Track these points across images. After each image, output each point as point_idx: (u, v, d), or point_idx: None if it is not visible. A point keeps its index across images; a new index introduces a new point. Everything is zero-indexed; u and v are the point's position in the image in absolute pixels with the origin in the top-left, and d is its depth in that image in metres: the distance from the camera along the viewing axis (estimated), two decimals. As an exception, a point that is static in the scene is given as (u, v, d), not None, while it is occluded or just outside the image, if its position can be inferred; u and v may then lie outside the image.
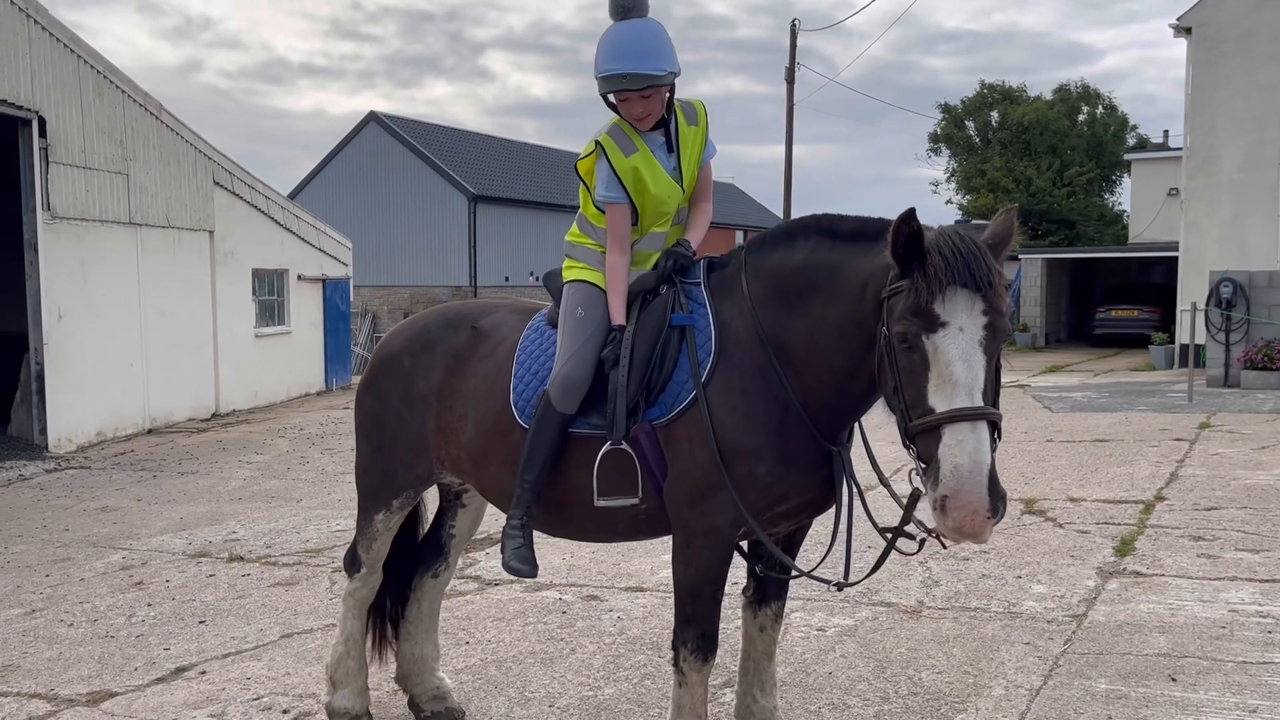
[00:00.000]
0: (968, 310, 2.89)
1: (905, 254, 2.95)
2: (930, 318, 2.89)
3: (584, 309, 3.69)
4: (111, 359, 14.65)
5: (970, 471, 2.80)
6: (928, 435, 2.89)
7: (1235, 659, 4.88)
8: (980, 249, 2.93)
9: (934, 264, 2.89)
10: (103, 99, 14.53)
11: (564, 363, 3.62)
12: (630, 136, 3.69)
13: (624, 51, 3.58)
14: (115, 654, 5.55)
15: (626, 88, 3.58)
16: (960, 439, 2.83)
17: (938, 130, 51.05)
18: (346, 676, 4.34)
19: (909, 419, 2.95)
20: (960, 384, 2.86)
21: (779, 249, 3.49)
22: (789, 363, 3.39)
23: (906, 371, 2.95)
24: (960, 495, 2.80)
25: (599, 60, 3.62)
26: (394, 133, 37.48)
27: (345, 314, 21.38)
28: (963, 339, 2.88)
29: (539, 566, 3.79)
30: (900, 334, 2.94)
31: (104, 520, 9.18)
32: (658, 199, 3.71)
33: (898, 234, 2.93)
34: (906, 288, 2.94)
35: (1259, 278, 17.69)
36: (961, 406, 2.85)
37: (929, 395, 2.89)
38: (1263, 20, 21.11)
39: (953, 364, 2.87)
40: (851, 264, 3.26)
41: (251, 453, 12.92)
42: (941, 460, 2.84)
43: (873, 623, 5.57)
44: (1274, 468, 9.66)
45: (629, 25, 3.61)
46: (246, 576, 7.06)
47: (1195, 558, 6.64)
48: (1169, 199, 30.63)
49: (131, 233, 15.16)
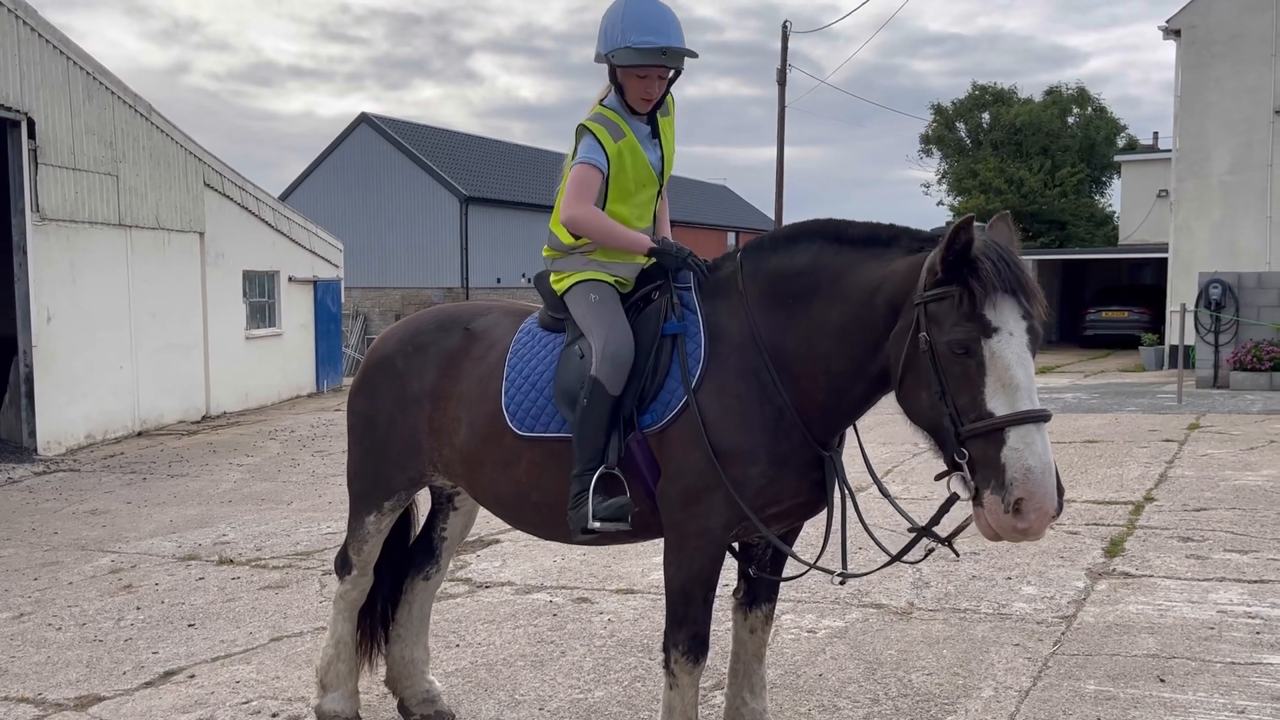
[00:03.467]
0: (1014, 315, 2.95)
1: (956, 260, 2.95)
2: (985, 323, 2.93)
3: (597, 294, 3.67)
4: (101, 361, 14.59)
5: (1042, 473, 2.85)
6: (986, 439, 2.91)
7: (1224, 660, 4.90)
8: (1016, 255, 3.00)
9: (986, 270, 2.92)
10: (92, 100, 14.48)
11: (604, 342, 3.53)
12: (618, 124, 3.68)
13: (658, 26, 3.54)
14: (104, 658, 5.53)
15: (664, 63, 3.56)
16: (1029, 441, 2.87)
17: (929, 131, 51.15)
18: (336, 679, 4.33)
19: (960, 423, 2.95)
20: (1021, 387, 2.91)
21: (778, 252, 3.49)
22: (785, 366, 3.40)
23: (959, 377, 2.96)
24: (1035, 497, 2.84)
25: (626, 31, 3.54)
26: (385, 134, 37.42)
27: (336, 316, 21.34)
28: (1015, 343, 2.94)
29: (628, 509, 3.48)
30: (956, 340, 2.94)
31: (93, 523, 9.14)
32: (638, 181, 3.71)
33: (955, 240, 2.94)
34: (956, 294, 2.94)
35: (1248, 279, 17.76)
36: (1027, 409, 2.90)
37: (986, 400, 2.92)
38: (1252, 22, 21.21)
39: (1012, 368, 2.91)
40: (860, 268, 3.26)
41: (242, 455, 12.89)
42: (1009, 463, 2.87)
43: (863, 624, 5.58)
44: (1263, 469, 9.70)
45: (629, 3, 3.58)
46: (236, 579, 7.04)
47: (1184, 559, 6.66)
48: (1159, 200, 30.74)
49: (121, 234, 15.11)
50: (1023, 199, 43.97)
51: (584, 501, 3.48)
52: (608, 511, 3.46)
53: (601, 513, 3.46)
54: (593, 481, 3.47)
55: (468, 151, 39.68)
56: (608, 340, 3.54)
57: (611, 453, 3.49)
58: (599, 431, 3.49)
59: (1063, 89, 49.07)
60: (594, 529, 3.48)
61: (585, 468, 3.50)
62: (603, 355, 3.52)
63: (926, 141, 51.58)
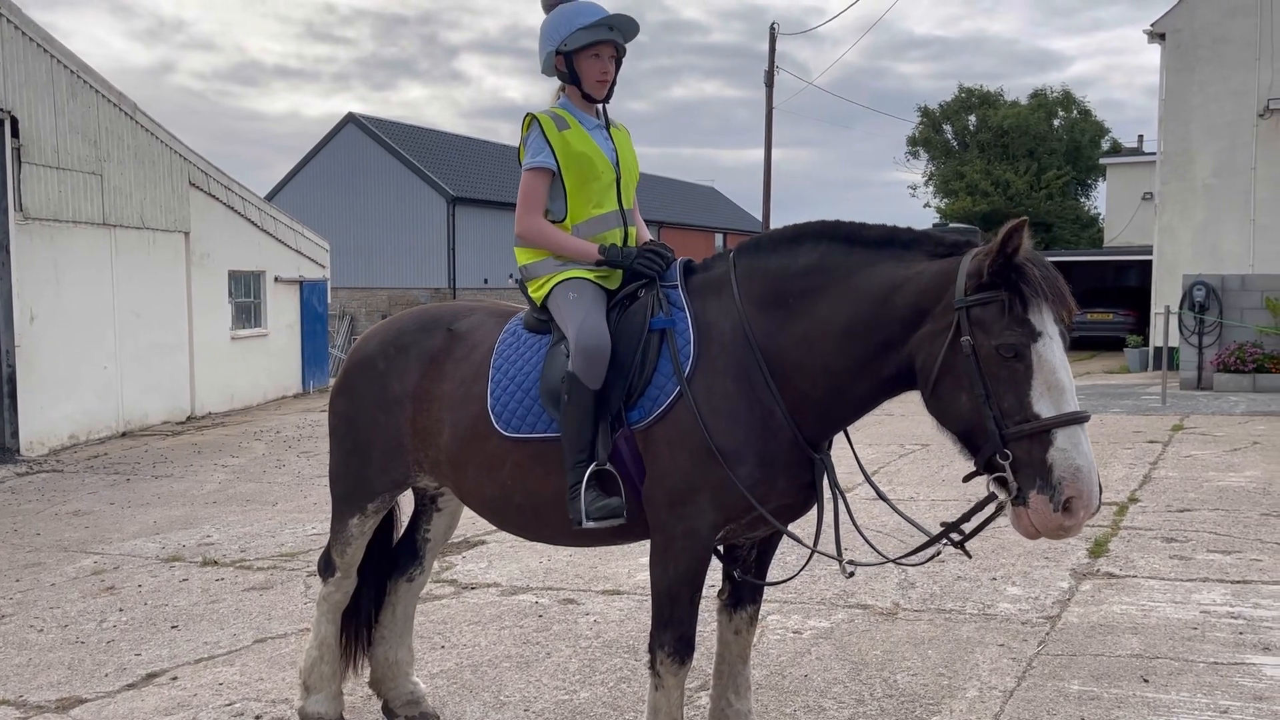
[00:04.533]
0: (1054, 321, 3.03)
1: (1003, 266, 3.02)
2: (1031, 328, 3.00)
3: (575, 292, 3.69)
4: (85, 361, 14.50)
5: (1089, 472, 2.95)
6: (1033, 440, 2.98)
7: (1207, 660, 4.92)
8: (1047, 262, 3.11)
9: (1034, 276, 3.01)
10: (76, 99, 14.39)
11: (575, 335, 3.55)
12: (564, 117, 3.81)
13: (592, 10, 3.76)
14: (86, 660, 5.49)
15: (613, 38, 3.76)
16: (1076, 441, 2.96)
17: (916, 134, 51.31)
18: (320, 681, 4.31)
19: (1005, 425, 3.01)
20: (1066, 389, 3.00)
21: (779, 252, 3.49)
22: (780, 366, 3.40)
23: (1006, 380, 3.02)
24: (1084, 496, 2.93)
25: (571, 20, 3.74)
26: (372, 134, 37.31)
27: (323, 316, 21.26)
28: (1057, 347, 3.02)
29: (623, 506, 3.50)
30: (1006, 344, 3.00)
31: (76, 524, 9.08)
32: (594, 170, 3.78)
33: (1007, 245, 3.00)
34: (1004, 299, 3.01)
35: (1231, 281, 17.87)
36: (1073, 410, 2.99)
37: (1033, 402, 2.99)
38: (1236, 27, 21.34)
39: (1057, 371, 3.00)
40: (875, 270, 3.28)
41: (227, 456, 12.83)
42: (1058, 463, 2.94)
43: (848, 625, 5.59)
44: (1246, 470, 9.75)
45: (570, 4, 3.79)
46: (220, 581, 7.00)
47: (1168, 559, 6.69)
48: (1144, 203, 30.92)
49: (105, 234, 15.02)
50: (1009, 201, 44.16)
51: (577, 495, 3.48)
52: (600, 511, 3.45)
53: (595, 512, 3.46)
54: (585, 478, 3.46)
55: (455, 152, 39.60)
56: (578, 333, 3.55)
57: (600, 449, 3.49)
58: (582, 427, 3.49)
59: (1048, 92, 49.32)
60: (588, 529, 3.47)
61: (575, 462, 3.50)
62: (574, 349, 3.53)
63: (914, 143, 51.76)
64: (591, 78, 3.79)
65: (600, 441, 3.49)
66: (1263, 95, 21.06)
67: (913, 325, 3.20)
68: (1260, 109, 21.10)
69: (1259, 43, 21.08)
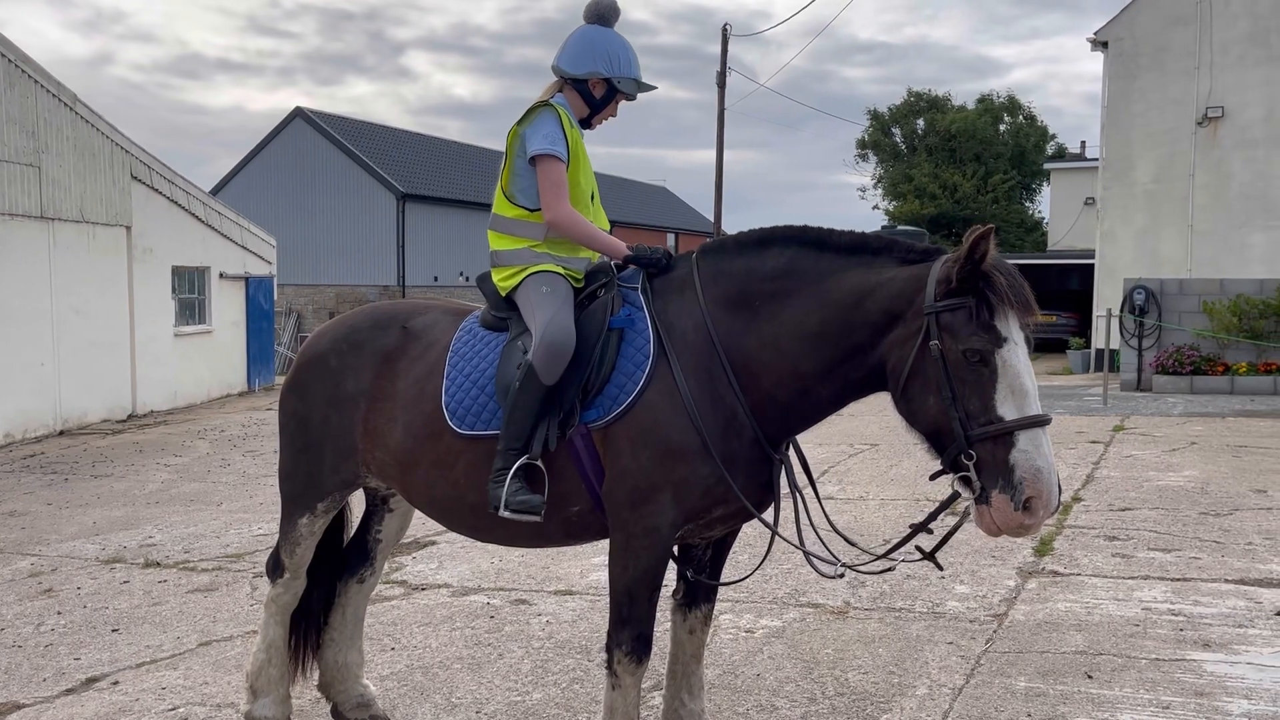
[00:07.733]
0: (1018, 327, 3.11)
1: (971, 272, 3.07)
2: (997, 334, 3.08)
3: (549, 286, 3.68)
4: (21, 358, 14.14)
5: (1049, 473, 3.02)
6: (996, 441, 3.05)
7: (1149, 656, 5.02)
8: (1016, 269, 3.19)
9: (1001, 284, 3.07)
10: (14, 88, 14.02)
11: (544, 327, 3.53)
12: (570, 117, 3.84)
13: (635, 61, 3.92)
14: (23, 664, 5.35)
15: (639, 92, 3.94)
16: (1037, 443, 3.03)
17: (865, 137, 51.84)
18: (268, 684, 4.23)
19: (970, 427, 3.08)
20: (1029, 393, 3.07)
21: (745, 255, 3.52)
22: (744, 366, 3.42)
23: (972, 383, 3.09)
24: (1043, 496, 3.00)
25: (632, 63, 3.85)
26: (320, 129, 36.81)
27: (269, 313, 20.94)
28: (1021, 353, 3.10)
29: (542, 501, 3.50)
30: (972, 349, 3.07)
31: (11, 525, 8.84)
32: (587, 175, 3.84)
33: (975, 251, 3.05)
34: (971, 305, 3.08)
35: (1170, 285, 18.29)
36: (1036, 414, 3.06)
37: (997, 405, 3.06)
38: (1176, 36, 21.86)
39: (1021, 376, 3.07)
40: (846, 275, 3.34)
41: (170, 455, 12.58)
42: (1019, 464, 3.01)
43: (800, 624, 5.62)
44: (1184, 469, 9.98)
45: (622, 37, 3.90)
46: (163, 583, 6.86)
47: (1110, 557, 6.82)
48: (1086, 208, 31.57)
49: (43, 227, 14.66)
50: (956, 204, 44.79)
51: (501, 483, 3.48)
52: (520, 505, 3.46)
53: (514, 504, 3.46)
54: (513, 466, 3.47)
55: (405, 149, 39.22)
56: (548, 326, 3.54)
57: (536, 444, 3.49)
58: (526, 416, 3.49)
59: (994, 97, 50.09)
60: (504, 516, 3.48)
61: (508, 449, 3.50)
62: (540, 340, 3.52)
63: (863, 146, 52.29)
64: (606, 115, 3.94)
65: (537, 437, 3.49)
66: (1201, 103, 21.60)
67: (884, 330, 3.25)
68: (1199, 117, 21.64)
69: (1198, 52, 21.61)
